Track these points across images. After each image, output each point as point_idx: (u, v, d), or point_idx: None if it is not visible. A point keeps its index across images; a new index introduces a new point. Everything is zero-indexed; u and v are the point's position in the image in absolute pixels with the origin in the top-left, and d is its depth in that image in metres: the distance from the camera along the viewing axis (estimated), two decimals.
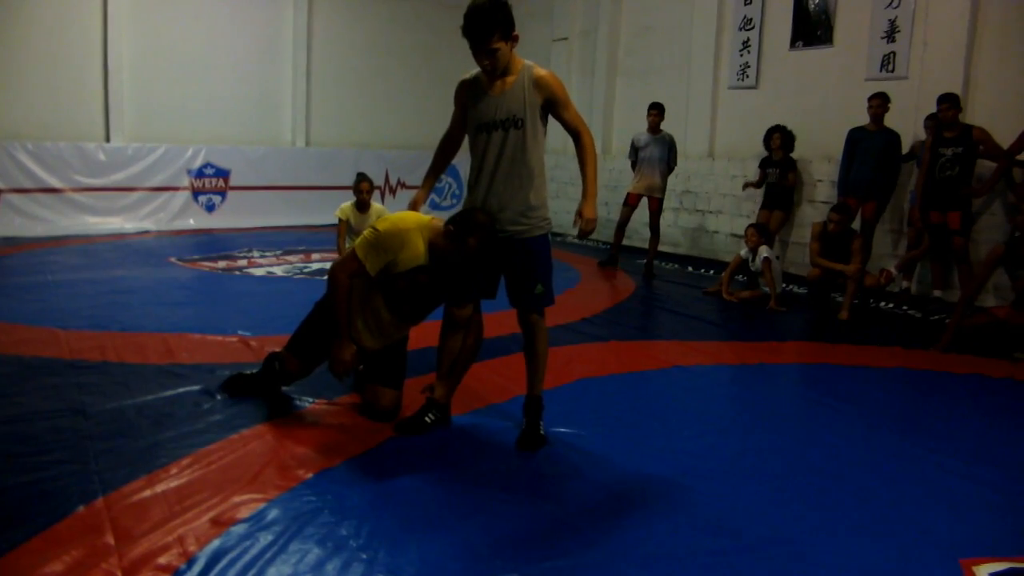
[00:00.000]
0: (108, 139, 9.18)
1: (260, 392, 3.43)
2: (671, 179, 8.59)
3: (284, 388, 3.46)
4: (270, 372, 3.41)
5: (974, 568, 2.24)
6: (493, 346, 4.52)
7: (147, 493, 2.53)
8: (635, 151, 7.61)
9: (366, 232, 3.13)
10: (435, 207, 11.76)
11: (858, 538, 2.42)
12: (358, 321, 3.25)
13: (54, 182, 8.61)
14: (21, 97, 8.62)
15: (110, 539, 2.23)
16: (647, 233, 7.78)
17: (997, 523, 2.60)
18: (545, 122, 3.02)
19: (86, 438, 2.97)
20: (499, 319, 5.24)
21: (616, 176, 9.68)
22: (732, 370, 4.38)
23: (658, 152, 7.45)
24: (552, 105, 2.97)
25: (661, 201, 7.61)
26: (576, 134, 2.98)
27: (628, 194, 7.73)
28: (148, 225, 9.16)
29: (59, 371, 3.77)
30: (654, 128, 7.50)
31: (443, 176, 11.86)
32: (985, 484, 2.86)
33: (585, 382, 3.94)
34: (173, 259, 7.13)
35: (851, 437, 3.32)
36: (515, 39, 2.95)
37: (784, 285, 6.48)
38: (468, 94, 3.07)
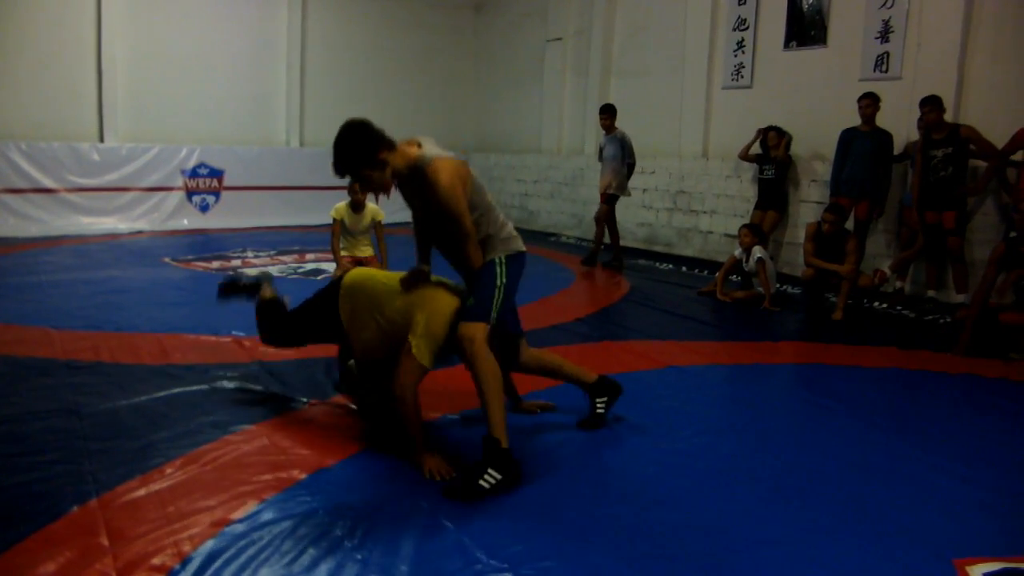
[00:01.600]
0: (102, 139, 9.16)
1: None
2: (665, 179, 8.64)
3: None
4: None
5: (967, 568, 2.24)
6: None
7: (141, 493, 2.53)
8: (600, 152, 8.03)
9: (424, 331, 2.78)
10: None
11: (852, 538, 2.42)
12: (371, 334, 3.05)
13: (48, 182, 8.60)
14: (14, 97, 8.60)
15: (104, 540, 2.23)
16: (641, 232, 7.82)
17: (991, 523, 2.61)
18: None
19: (80, 438, 2.96)
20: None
21: None
22: (727, 370, 4.39)
23: (612, 151, 7.70)
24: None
25: (613, 197, 7.80)
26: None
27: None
28: (142, 225, 9.14)
29: (53, 371, 3.76)
30: (607, 129, 7.74)
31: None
32: (979, 484, 2.87)
33: None
34: (167, 259, 7.11)
35: (845, 437, 3.33)
36: (383, 162, 2.74)
37: (778, 285, 6.49)
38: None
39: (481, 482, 2.57)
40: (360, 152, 2.72)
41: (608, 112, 7.71)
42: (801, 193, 7.56)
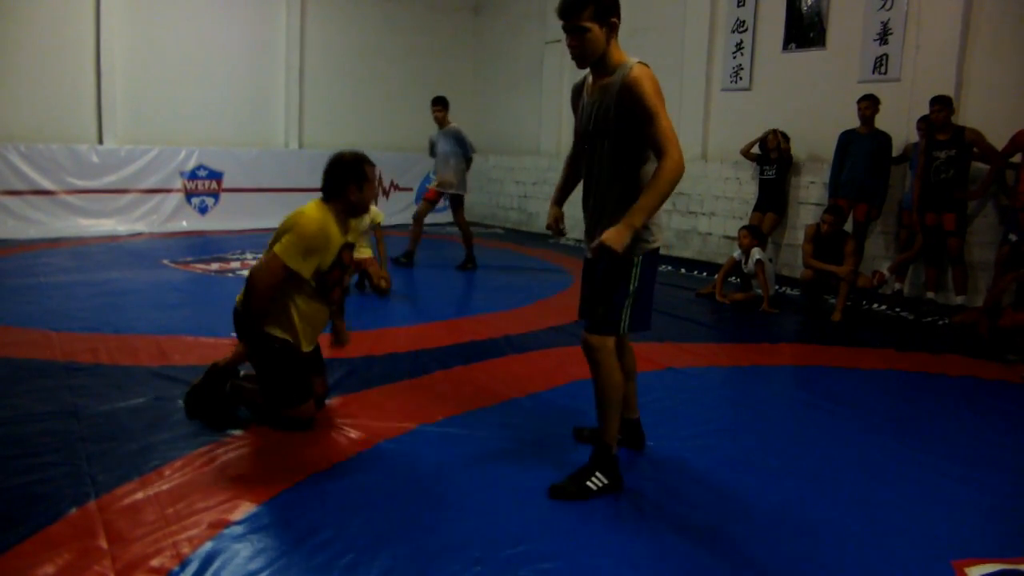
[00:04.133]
0: (101, 141, 9.15)
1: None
2: None
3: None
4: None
5: (966, 570, 2.25)
6: (484, 348, 4.55)
7: (140, 495, 2.52)
8: (431, 147, 7.58)
9: (288, 238, 2.97)
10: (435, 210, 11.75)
11: (851, 540, 2.42)
12: (298, 331, 3.14)
13: (47, 184, 8.57)
14: (13, 99, 8.59)
15: (103, 542, 2.22)
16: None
17: (990, 525, 2.61)
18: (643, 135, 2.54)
19: (79, 440, 2.96)
20: (488, 321, 5.28)
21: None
22: (726, 372, 4.39)
23: (447, 147, 7.34)
24: (635, 117, 2.52)
25: (459, 198, 7.46)
26: (659, 155, 2.47)
27: (428, 189, 7.77)
28: (141, 227, 9.12)
29: (52, 373, 3.76)
30: (439, 123, 7.40)
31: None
32: (978, 486, 2.87)
33: (579, 384, 3.94)
34: (166, 261, 7.11)
35: (845, 439, 3.33)
36: (613, 26, 2.56)
37: (777, 287, 6.50)
38: (574, 98, 2.86)
39: (589, 483, 2.65)
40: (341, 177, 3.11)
41: (440, 104, 7.34)
42: (800, 195, 7.57)
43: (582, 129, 2.76)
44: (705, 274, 7.54)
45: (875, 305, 6.32)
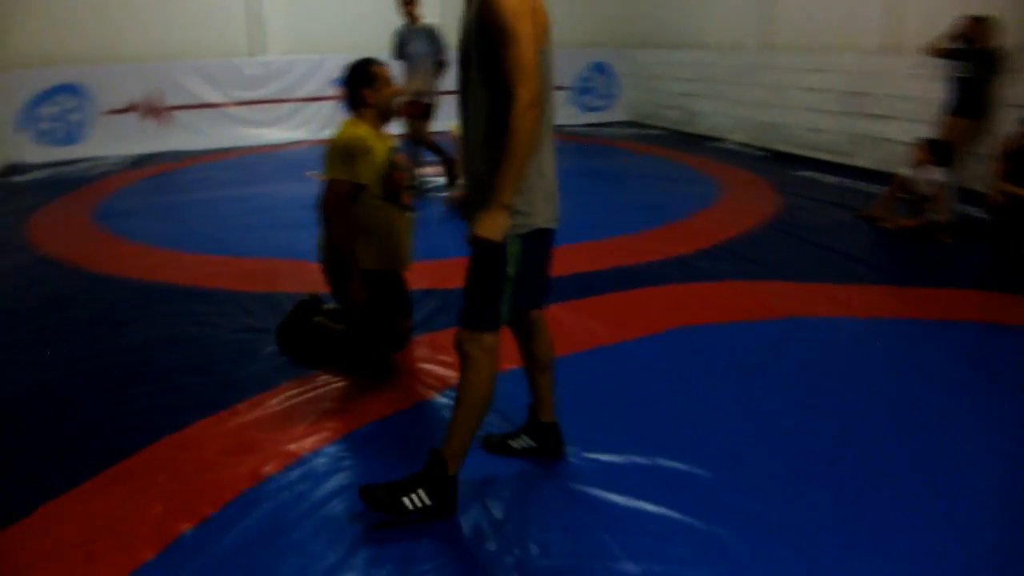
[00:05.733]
0: (259, 53, 9.58)
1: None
2: (837, 77, 7.55)
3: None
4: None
5: None
6: (585, 282, 4.18)
7: (220, 427, 2.69)
8: (399, 48, 6.34)
9: (329, 157, 2.99)
10: (588, 109, 11.29)
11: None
12: (391, 249, 3.13)
13: (213, 97, 9.17)
14: (175, 18, 9.17)
15: (166, 477, 2.41)
16: (809, 138, 6.82)
17: None
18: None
19: (175, 371, 3.17)
20: (602, 248, 4.82)
21: None
22: (862, 326, 3.66)
23: (420, 48, 6.26)
24: (491, 38, 1.92)
25: (428, 108, 6.34)
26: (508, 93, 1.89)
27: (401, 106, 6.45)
28: (301, 135, 9.58)
29: (171, 299, 4.03)
30: (411, 19, 6.30)
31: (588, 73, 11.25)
32: None
33: (681, 332, 3.58)
34: (310, 173, 7.36)
35: (1008, 433, 2.69)
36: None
37: (963, 210, 5.48)
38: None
39: (406, 499, 2.12)
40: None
41: None
42: (1009, 95, 6.24)
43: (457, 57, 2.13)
44: (876, 188, 6.54)
45: None
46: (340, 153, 2.98)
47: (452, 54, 2.56)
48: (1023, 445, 2.61)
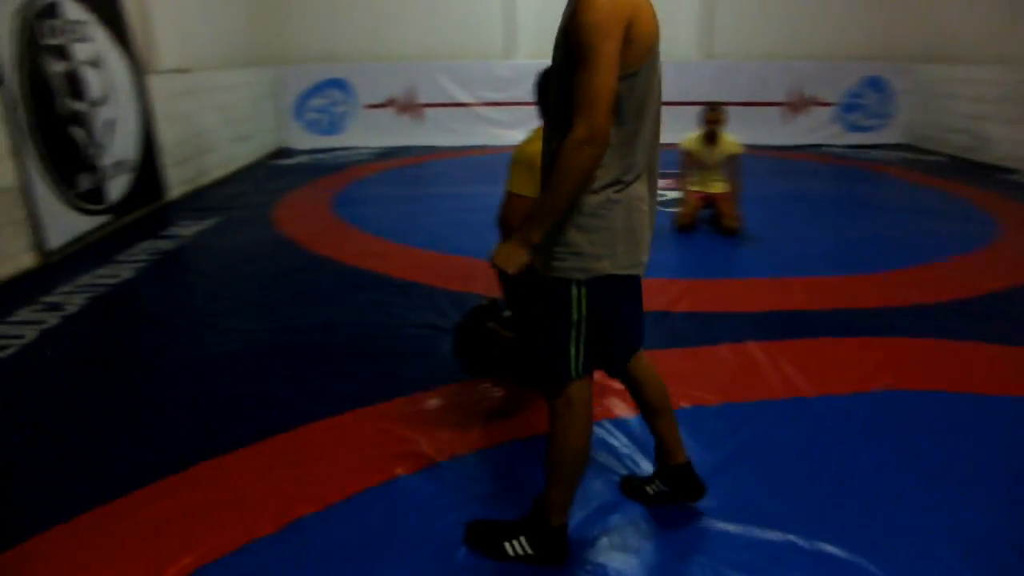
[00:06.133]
0: (511, 57, 10.00)
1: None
2: None
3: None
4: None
5: None
6: (802, 322, 3.68)
7: (369, 419, 2.76)
8: None
9: (513, 171, 2.68)
10: (855, 128, 10.24)
11: None
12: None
13: (464, 96, 9.72)
14: (435, 21, 9.89)
15: (290, 468, 2.47)
16: None
17: None
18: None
19: (341, 356, 3.34)
20: (833, 285, 4.25)
21: None
22: None
23: None
24: (570, 51, 1.63)
25: None
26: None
27: None
28: None
29: (373, 286, 4.28)
30: None
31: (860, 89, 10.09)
32: None
33: (895, 395, 3.00)
34: None
35: None
36: None
37: None
38: None
39: (507, 544, 2.02)
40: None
41: None
42: None
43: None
44: None
45: None
46: (528, 165, 2.81)
47: None
48: None
